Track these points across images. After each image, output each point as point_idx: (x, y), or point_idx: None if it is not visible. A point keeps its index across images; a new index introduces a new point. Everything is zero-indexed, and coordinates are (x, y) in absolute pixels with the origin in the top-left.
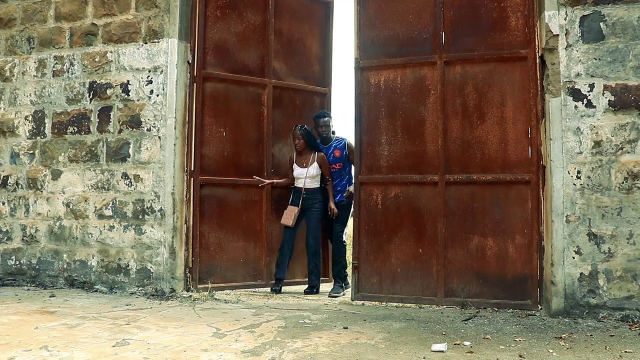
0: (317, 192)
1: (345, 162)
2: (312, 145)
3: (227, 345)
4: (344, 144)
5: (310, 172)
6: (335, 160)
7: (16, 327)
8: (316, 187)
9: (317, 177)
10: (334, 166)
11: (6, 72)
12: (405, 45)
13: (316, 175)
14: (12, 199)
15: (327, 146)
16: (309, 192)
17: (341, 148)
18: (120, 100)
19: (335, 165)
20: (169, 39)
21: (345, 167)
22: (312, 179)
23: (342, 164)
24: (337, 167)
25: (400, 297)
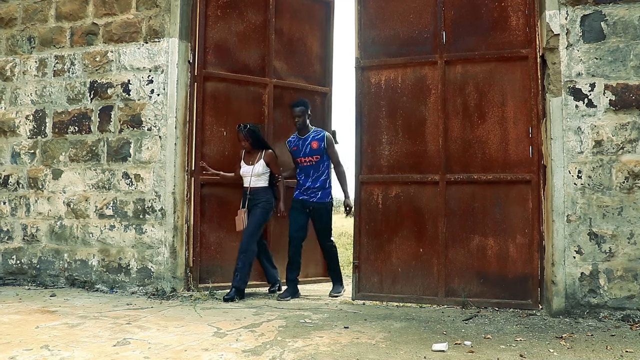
0: (264, 191)
1: (323, 156)
2: (258, 143)
3: (228, 345)
4: (323, 136)
5: (256, 169)
6: (312, 152)
7: (17, 326)
8: (263, 187)
9: (264, 176)
10: (310, 159)
11: (7, 71)
12: (406, 45)
13: (262, 174)
14: (13, 198)
15: (303, 137)
16: (254, 192)
17: (319, 140)
18: (121, 100)
19: (312, 158)
20: (169, 39)
21: (323, 161)
22: (258, 177)
23: (319, 156)
24: (314, 160)
25: (401, 297)
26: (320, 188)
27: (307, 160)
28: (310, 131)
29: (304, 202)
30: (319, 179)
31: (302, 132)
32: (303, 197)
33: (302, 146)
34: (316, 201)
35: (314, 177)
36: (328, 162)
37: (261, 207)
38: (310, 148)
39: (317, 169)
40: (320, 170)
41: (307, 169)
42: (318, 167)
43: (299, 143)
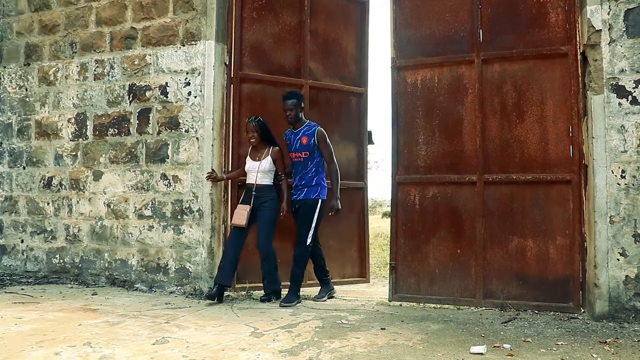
0: (270, 189)
1: (314, 153)
2: (267, 138)
3: (265, 345)
4: (314, 131)
5: (262, 166)
6: (302, 148)
7: (61, 323)
8: (268, 184)
9: (270, 173)
10: (298, 154)
11: (50, 76)
12: (442, 44)
13: (269, 171)
14: (56, 199)
15: (296, 131)
16: (260, 189)
17: (309, 135)
18: (159, 102)
19: (300, 154)
20: (206, 41)
21: (313, 157)
22: (264, 174)
23: (309, 153)
24: (303, 156)
25: (438, 298)
26: (306, 185)
27: (297, 156)
28: (303, 125)
29: (294, 201)
30: (305, 176)
31: (296, 125)
32: (294, 196)
33: (293, 140)
34: (301, 198)
35: (301, 174)
36: (319, 160)
37: (269, 207)
38: (300, 143)
39: (305, 166)
40: (308, 167)
41: (297, 165)
42: (306, 164)
43: (292, 137)
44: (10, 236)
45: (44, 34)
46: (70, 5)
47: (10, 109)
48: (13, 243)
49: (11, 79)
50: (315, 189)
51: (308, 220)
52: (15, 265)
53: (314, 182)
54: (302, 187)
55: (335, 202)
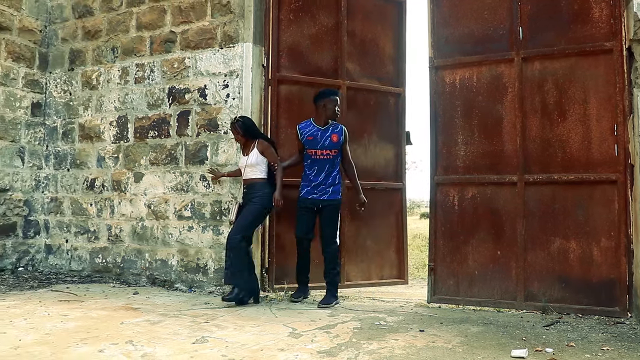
0: (261, 185)
1: (340, 151)
2: (252, 135)
3: (303, 346)
4: (342, 130)
5: (249, 160)
6: (332, 145)
7: (104, 321)
8: (259, 178)
9: (258, 167)
10: (328, 152)
11: (93, 80)
12: (480, 43)
13: (256, 164)
14: (99, 200)
15: (324, 128)
16: (248, 185)
17: (339, 133)
18: (198, 105)
19: (330, 152)
20: (243, 44)
21: (339, 155)
22: (252, 168)
23: (338, 151)
24: (332, 154)
25: (477, 300)
26: (332, 184)
27: (325, 153)
28: (330, 124)
29: (314, 200)
30: (331, 175)
31: (324, 122)
32: (313, 195)
33: (321, 137)
34: (327, 199)
35: (327, 171)
36: (340, 159)
37: (255, 202)
38: (330, 141)
39: (332, 164)
40: (335, 165)
41: (323, 162)
42: (334, 161)
43: (317, 134)
44: (55, 236)
45: (87, 39)
46: (111, 11)
47: (55, 113)
48: (58, 243)
49: (56, 84)
50: (339, 189)
51: (334, 221)
52: (61, 265)
53: (337, 182)
54: (328, 186)
55: (362, 197)
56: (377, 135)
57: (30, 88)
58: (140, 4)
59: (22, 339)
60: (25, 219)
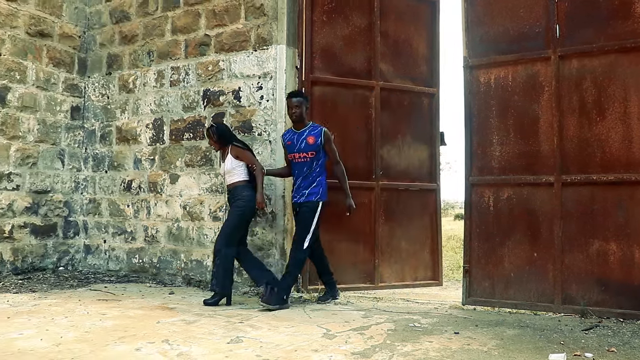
0: (242, 188)
1: (319, 153)
2: (226, 140)
3: (337, 347)
4: (320, 131)
5: (226, 166)
6: (307, 147)
7: (141, 320)
8: (238, 182)
9: (235, 171)
10: (304, 154)
11: (130, 84)
12: (516, 41)
13: (232, 169)
14: (136, 201)
15: (299, 132)
16: (230, 189)
17: (316, 135)
18: (232, 107)
19: (307, 154)
20: (277, 46)
21: (319, 157)
22: (229, 173)
23: (315, 152)
24: (309, 156)
25: (513, 303)
26: (308, 186)
27: (301, 156)
28: (307, 126)
29: (294, 204)
30: (309, 177)
31: (298, 125)
32: (294, 199)
33: (297, 141)
34: (303, 201)
35: (305, 174)
36: (323, 160)
37: (236, 205)
38: (305, 143)
39: (310, 166)
40: (314, 168)
41: (300, 165)
42: (312, 164)
43: (294, 137)
44: (94, 236)
45: (124, 44)
46: (147, 15)
47: (93, 116)
48: (97, 243)
49: (94, 87)
50: (317, 191)
51: (307, 224)
52: (99, 264)
53: (315, 184)
54: (304, 188)
55: (350, 200)
56: (411, 136)
57: (70, 92)
58: (175, 8)
59: (63, 336)
60: (65, 220)
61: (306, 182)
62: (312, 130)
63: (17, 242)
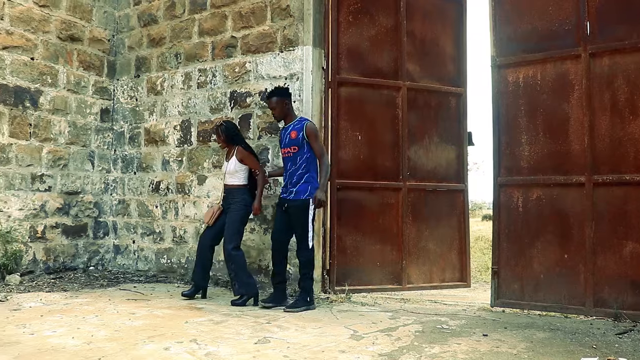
0: (240, 191)
1: (303, 148)
2: (233, 140)
3: (364, 348)
4: (303, 125)
5: (229, 167)
6: (290, 142)
7: (169, 320)
8: (237, 185)
9: (238, 174)
10: (288, 150)
11: (157, 86)
12: (545, 39)
13: (235, 171)
14: (164, 202)
15: (285, 127)
16: (228, 190)
17: (298, 129)
18: (259, 108)
19: (290, 149)
20: (303, 47)
21: (302, 153)
22: (231, 175)
23: (297, 147)
24: (292, 152)
25: (543, 305)
26: (296, 183)
27: (286, 151)
28: (294, 120)
29: (282, 200)
30: (295, 174)
31: (286, 121)
32: (282, 194)
33: (283, 136)
34: (291, 199)
35: (290, 170)
36: (309, 155)
37: (234, 209)
38: (289, 138)
39: (294, 162)
40: (298, 163)
41: (286, 161)
42: (296, 159)
43: (282, 133)
44: (123, 237)
45: (151, 47)
46: (175, 18)
47: (122, 118)
48: (126, 243)
49: (123, 90)
50: (306, 189)
51: (303, 224)
52: (128, 264)
53: (303, 180)
54: (292, 185)
55: (319, 193)
56: (438, 137)
57: (100, 95)
58: (202, 11)
59: (94, 335)
60: (95, 221)
61: (293, 178)
62: (296, 125)
63: (49, 242)
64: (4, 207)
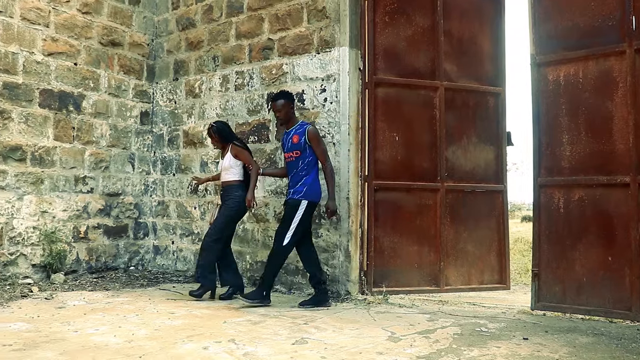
0: (236, 187)
1: (305, 152)
2: (227, 139)
3: (402, 350)
4: (305, 130)
5: (224, 163)
6: (292, 147)
7: (208, 320)
8: (233, 181)
9: (233, 170)
10: (290, 154)
11: (196, 89)
12: (586, 36)
13: (230, 167)
14: (202, 203)
15: (287, 131)
16: (224, 187)
17: (300, 133)
18: (296, 109)
19: (292, 154)
20: (340, 48)
21: (304, 157)
22: (226, 171)
23: (300, 152)
24: (294, 156)
25: (586, 309)
26: (294, 185)
27: (289, 156)
28: (295, 124)
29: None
30: (296, 176)
31: (288, 125)
32: (286, 197)
33: (285, 140)
34: (288, 198)
35: (292, 173)
36: (312, 159)
37: (228, 204)
38: (291, 143)
39: (296, 166)
40: (300, 167)
41: (290, 165)
42: (297, 163)
43: (284, 137)
44: (162, 238)
45: (189, 50)
46: (212, 22)
47: (161, 121)
48: (165, 244)
49: (162, 93)
50: (301, 190)
51: (288, 220)
52: (167, 265)
53: (301, 183)
54: (291, 187)
55: (331, 203)
56: (477, 137)
57: (139, 98)
58: (239, 14)
59: (135, 333)
60: (136, 222)
61: (293, 181)
62: (297, 129)
63: (91, 242)
64: (49, 208)
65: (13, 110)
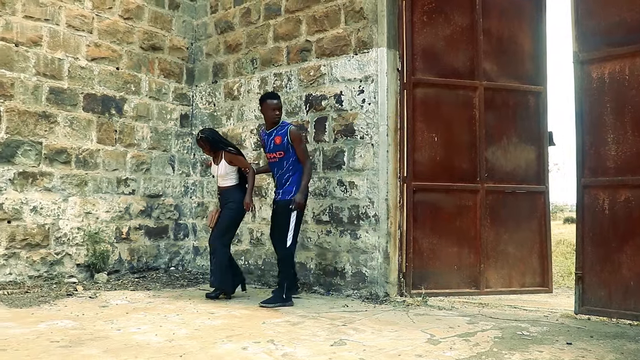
0: (233, 191)
1: (288, 152)
2: (218, 145)
3: (442, 353)
4: (287, 130)
5: (220, 170)
6: (276, 148)
7: (247, 320)
8: (231, 185)
9: (229, 176)
10: (273, 155)
11: (234, 91)
12: (633, 32)
13: (226, 174)
14: None
15: (269, 132)
16: (223, 192)
17: (282, 134)
18: (334, 111)
19: (276, 154)
20: (377, 49)
21: (288, 157)
22: (223, 177)
23: (283, 152)
24: (278, 157)
25: (634, 314)
26: (283, 185)
27: (272, 157)
28: (277, 126)
29: (273, 202)
30: (283, 177)
31: (269, 126)
32: (274, 197)
33: (267, 141)
34: (278, 199)
35: (278, 174)
36: (295, 159)
37: (228, 207)
38: (273, 144)
39: (281, 166)
40: (285, 167)
41: (272, 166)
42: (282, 164)
43: (265, 138)
44: (202, 239)
45: (228, 53)
46: (250, 25)
47: (201, 123)
48: (205, 245)
49: (201, 96)
50: (291, 190)
51: (284, 222)
52: (207, 265)
53: (289, 182)
54: (280, 187)
55: (299, 196)
56: (517, 137)
57: (179, 101)
58: (277, 16)
59: (175, 333)
60: (176, 223)
61: (281, 181)
62: (279, 130)
63: (133, 243)
64: (93, 210)
65: (59, 115)
